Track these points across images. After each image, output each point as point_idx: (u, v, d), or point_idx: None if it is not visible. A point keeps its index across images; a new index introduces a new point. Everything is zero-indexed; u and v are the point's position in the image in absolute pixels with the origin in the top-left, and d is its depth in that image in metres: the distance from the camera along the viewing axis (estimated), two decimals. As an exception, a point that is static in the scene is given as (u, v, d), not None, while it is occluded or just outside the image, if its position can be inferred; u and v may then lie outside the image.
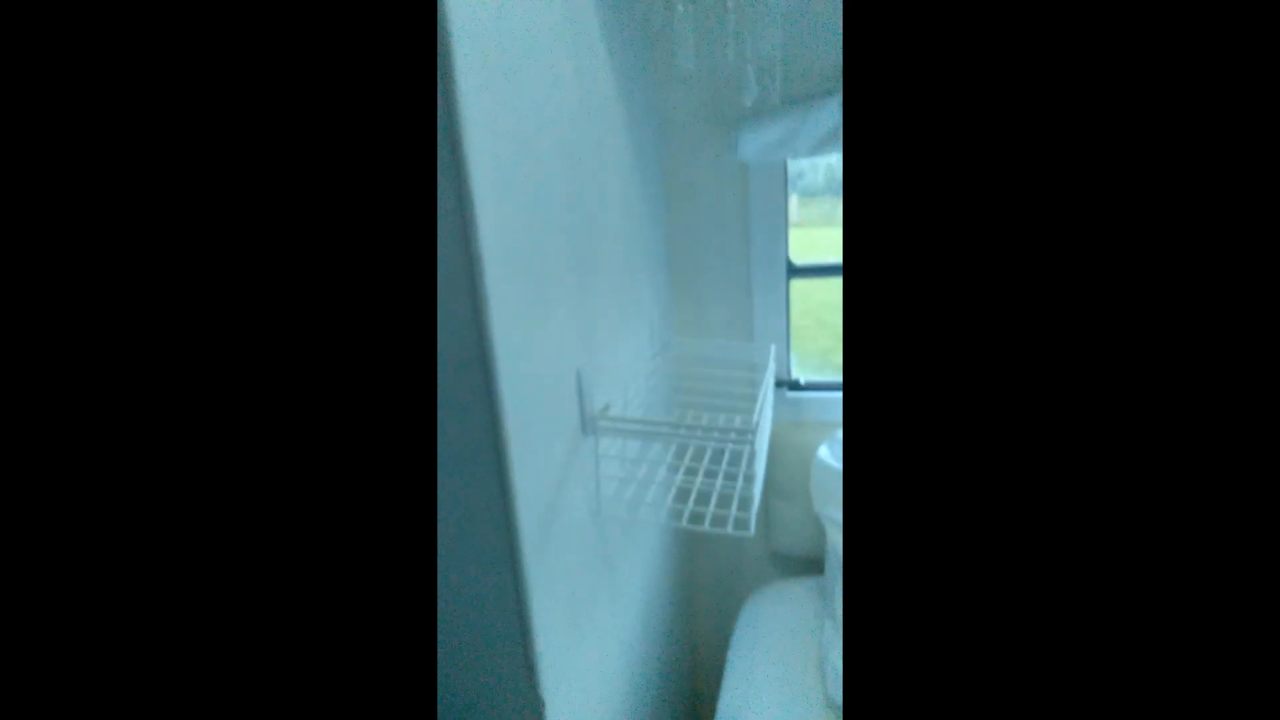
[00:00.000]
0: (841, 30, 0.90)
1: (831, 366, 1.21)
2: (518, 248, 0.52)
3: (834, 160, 1.07)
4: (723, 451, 0.69)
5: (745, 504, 0.63)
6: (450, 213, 0.45)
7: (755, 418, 0.61)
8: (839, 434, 1.03)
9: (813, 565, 1.17)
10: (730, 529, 0.64)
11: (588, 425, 0.64)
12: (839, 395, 1.11)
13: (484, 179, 0.46)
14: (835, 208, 1.13)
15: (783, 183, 1.00)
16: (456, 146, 0.44)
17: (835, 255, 1.10)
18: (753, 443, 0.60)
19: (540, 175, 0.56)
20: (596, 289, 0.71)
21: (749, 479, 0.62)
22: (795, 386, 1.14)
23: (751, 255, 1.03)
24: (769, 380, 0.75)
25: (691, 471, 0.72)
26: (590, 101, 0.69)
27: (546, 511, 0.59)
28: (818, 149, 0.92)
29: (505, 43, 0.50)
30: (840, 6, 0.90)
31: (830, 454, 1.00)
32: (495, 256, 0.48)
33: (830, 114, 0.89)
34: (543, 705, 0.56)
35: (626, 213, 0.84)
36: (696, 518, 0.65)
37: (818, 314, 1.21)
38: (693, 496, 0.68)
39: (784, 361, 1.11)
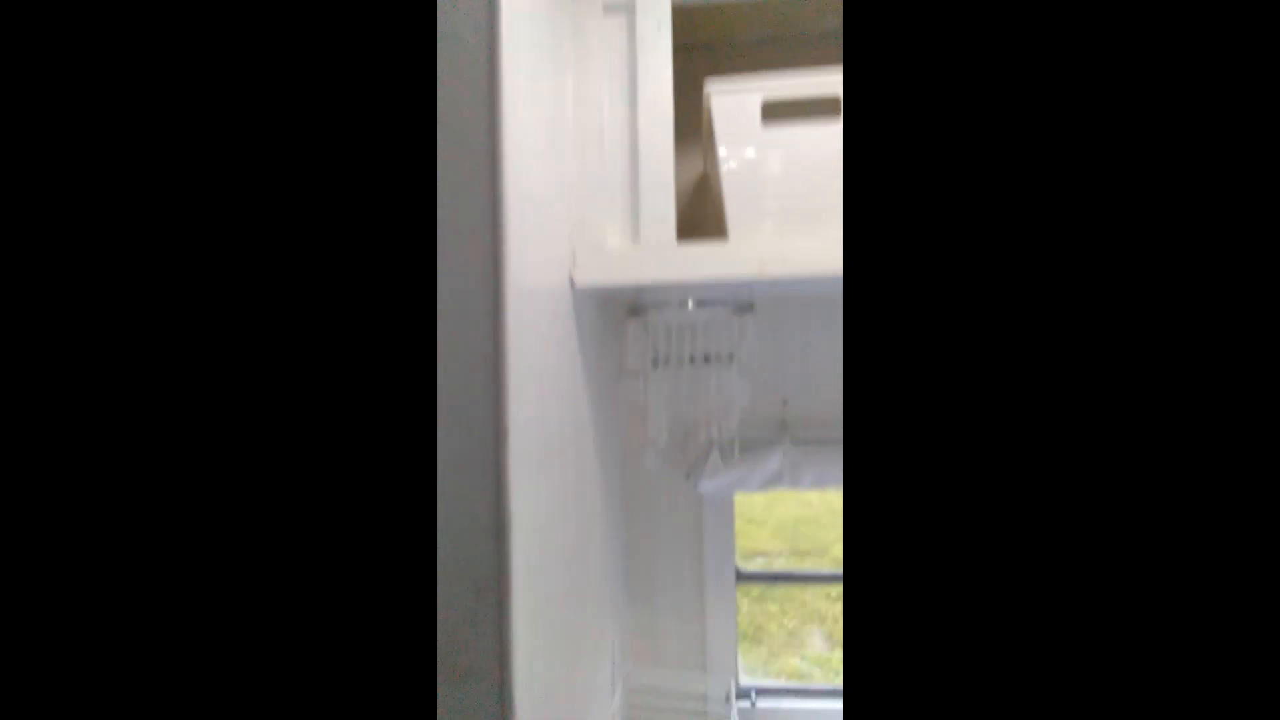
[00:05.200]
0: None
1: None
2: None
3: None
4: None
5: None
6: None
7: None
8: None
9: None
10: None
11: None
12: (791, 704, 1.12)
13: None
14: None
15: (730, 506, 1.10)
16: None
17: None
18: None
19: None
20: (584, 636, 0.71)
21: None
22: (744, 696, 1.14)
23: (705, 571, 1.09)
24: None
25: None
26: (584, 471, 0.75)
27: None
28: (765, 486, 1.03)
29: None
30: (786, 366, 1.07)
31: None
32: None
33: (775, 459, 1.02)
34: None
35: (603, 551, 0.87)
36: None
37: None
38: None
39: (733, 669, 1.11)
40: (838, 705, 1.09)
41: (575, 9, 0.70)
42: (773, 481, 1.02)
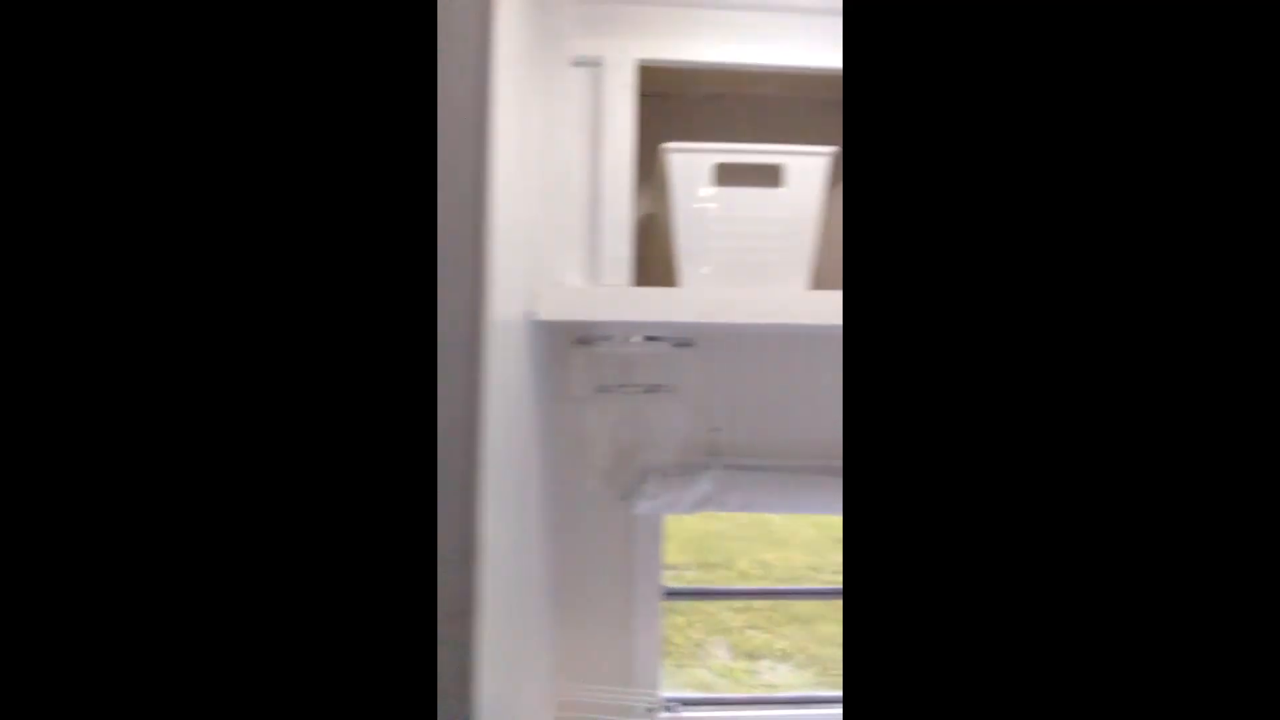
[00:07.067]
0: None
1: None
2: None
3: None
4: None
5: None
6: None
7: None
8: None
9: None
10: None
11: None
12: (711, 713, 1.18)
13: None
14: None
15: (659, 526, 1.15)
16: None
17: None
18: None
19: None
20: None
21: None
22: (668, 708, 1.19)
23: (634, 589, 1.13)
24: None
25: None
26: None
27: None
28: (695, 508, 1.09)
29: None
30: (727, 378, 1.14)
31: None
32: None
33: (706, 483, 1.09)
34: None
35: (540, 572, 0.90)
36: None
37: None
38: None
39: (657, 683, 1.16)
40: (755, 714, 1.17)
41: (545, 59, 0.74)
42: (702, 504, 1.09)
